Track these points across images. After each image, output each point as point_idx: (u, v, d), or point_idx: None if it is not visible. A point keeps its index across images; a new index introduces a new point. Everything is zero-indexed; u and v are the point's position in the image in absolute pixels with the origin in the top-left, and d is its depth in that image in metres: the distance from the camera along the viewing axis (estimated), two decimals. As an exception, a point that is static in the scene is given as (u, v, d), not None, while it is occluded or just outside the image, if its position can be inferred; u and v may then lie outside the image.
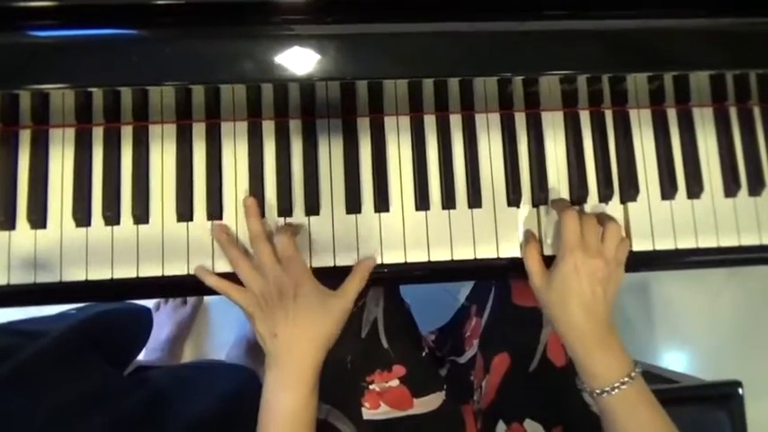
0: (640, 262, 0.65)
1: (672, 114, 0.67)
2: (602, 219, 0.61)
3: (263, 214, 0.62)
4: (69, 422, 0.63)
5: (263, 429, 0.55)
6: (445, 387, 0.72)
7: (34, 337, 0.68)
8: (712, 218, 0.66)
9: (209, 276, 0.59)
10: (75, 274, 0.60)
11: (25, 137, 0.61)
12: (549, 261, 0.61)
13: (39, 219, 0.60)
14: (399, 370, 0.69)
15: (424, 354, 0.73)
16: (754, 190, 0.67)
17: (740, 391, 0.86)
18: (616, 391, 0.54)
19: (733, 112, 0.68)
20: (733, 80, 0.66)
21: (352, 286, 0.60)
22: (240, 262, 0.58)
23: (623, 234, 0.62)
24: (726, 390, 0.87)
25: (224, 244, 0.60)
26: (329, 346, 0.58)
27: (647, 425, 0.55)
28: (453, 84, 0.64)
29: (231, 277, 0.59)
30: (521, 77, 0.62)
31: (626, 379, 0.54)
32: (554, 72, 0.56)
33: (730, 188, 0.66)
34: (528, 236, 0.64)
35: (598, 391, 0.55)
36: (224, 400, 0.79)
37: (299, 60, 0.51)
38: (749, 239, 0.66)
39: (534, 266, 0.61)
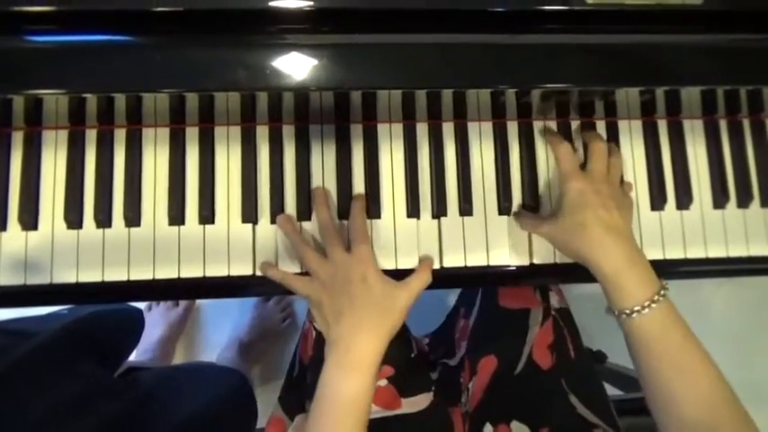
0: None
1: (662, 126, 0.68)
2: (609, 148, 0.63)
3: (255, 219, 0.62)
4: (59, 423, 0.63)
5: (321, 418, 0.55)
6: (434, 388, 0.72)
7: (25, 338, 0.68)
8: (701, 229, 0.67)
9: (273, 270, 0.61)
10: (66, 277, 0.60)
11: (18, 138, 0.61)
12: (536, 270, 0.61)
13: (30, 220, 0.60)
14: (387, 370, 0.69)
15: (413, 355, 0.74)
16: (743, 202, 0.67)
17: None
18: (646, 310, 0.53)
19: (723, 124, 0.68)
20: (723, 93, 0.67)
21: (418, 280, 0.60)
22: (306, 250, 0.59)
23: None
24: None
25: (289, 233, 0.61)
26: (391, 336, 0.58)
27: (680, 346, 0.53)
28: (446, 93, 0.64)
29: (235, 278, 0.60)
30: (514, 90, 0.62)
31: (657, 297, 0.53)
32: (546, 86, 0.56)
33: (719, 200, 0.67)
34: (514, 213, 0.65)
35: (628, 312, 0.53)
36: (214, 403, 0.79)
37: (293, 69, 0.52)
38: (737, 251, 0.67)
39: (533, 223, 0.62)
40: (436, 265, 0.63)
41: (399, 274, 0.63)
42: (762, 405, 0.54)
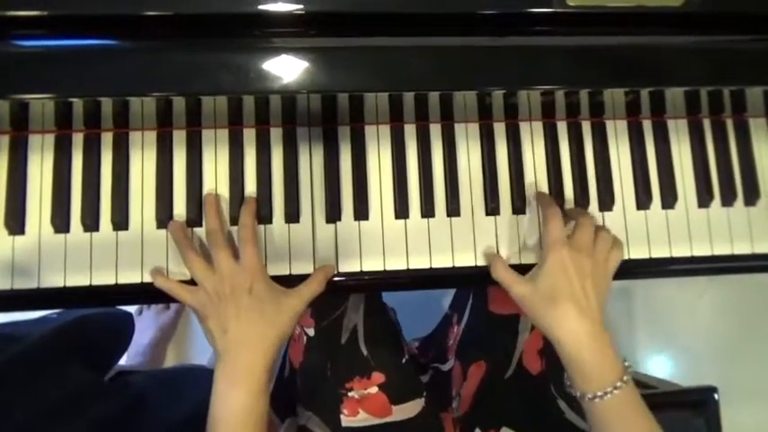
0: (617, 270, 0.66)
1: (647, 126, 0.68)
2: (597, 225, 0.61)
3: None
4: (48, 427, 0.63)
5: (214, 428, 0.54)
6: (425, 394, 0.73)
7: (13, 342, 0.67)
8: (686, 228, 0.67)
9: (160, 278, 0.59)
10: (54, 281, 0.60)
11: (3, 143, 0.61)
12: (524, 269, 0.62)
13: (17, 225, 0.60)
14: (378, 377, 0.69)
15: (404, 360, 0.74)
16: (727, 201, 0.68)
17: (716, 396, 0.88)
18: (608, 396, 0.52)
19: (707, 124, 0.69)
20: (707, 94, 0.67)
21: (308, 290, 0.59)
22: (193, 259, 0.57)
23: (617, 240, 0.60)
24: (702, 396, 0.88)
25: (179, 241, 0.59)
26: (280, 344, 0.57)
27: (638, 430, 0.54)
28: (433, 95, 0.65)
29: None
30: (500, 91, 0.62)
31: (619, 384, 0.52)
32: (532, 87, 0.56)
33: (704, 199, 0.68)
34: (488, 253, 0.63)
35: (590, 396, 0.53)
36: (205, 406, 0.79)
37: (280, 73, 0.52)
38: (722, 249, 0.67)
39: (507, 277, 0.59)
40: (425, 265, 0.64)
41: (387, 275, 0.63)
42: (748, 404, 0.54)
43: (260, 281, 0.56)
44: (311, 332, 0.72)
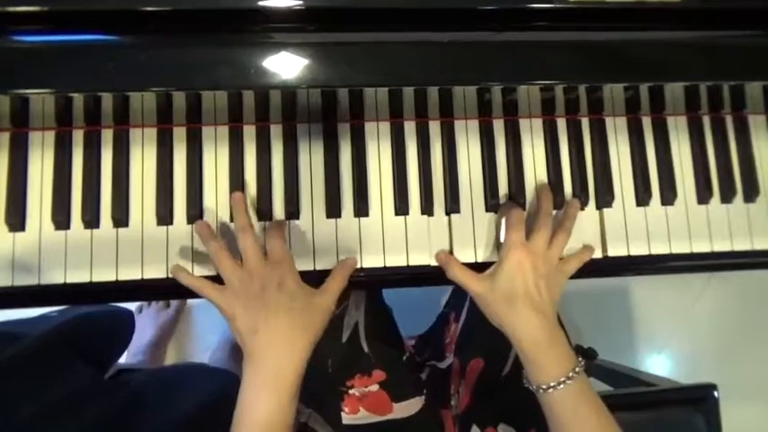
0: (615, 267, 0.67)
1: (647, 123, 0.69)
2: (558, 226, 0.62)
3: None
4: (48, 425, 0.63)
5: (238, 430, 0.54)
6: (425, 392, 0.73)
7: (13, 340, 0.67)
8: (685, 224, 0.67)
9: (184, 274, 0.58)
10: (54, 278, 0.60)
11: (4, 140, 0.61)
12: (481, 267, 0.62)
13: (17, 222, 0.60)
14: (379, 375, 0.70)
15: (404, 358, 0.74)
16: (726, 197, 0.68)
17: (715, 394, 0.88)
18: (561, 386, 0.55)
19: (706, 121, 0.69)
20: (706, 90, 0.67)
21: (335, 284, 0.59)
22: (222, 256, 0.56)
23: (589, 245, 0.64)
24: (701, 393, 0.88)
25: (206, 238, 0.58)
26: (312, 345, 0.56)
27: (589, 420, 0.55)
28: (433, 91, 0.65)
29: (213, 280, 0.58)
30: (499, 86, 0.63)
31: (571, 374, 0.55)
32: (532, 82, 0.57)
33: (703, 195, 0.68)
34: (440, 254, 0.64)
35: (544, 387, 0.55)
36: (205, 404, 0.79)
37: (280, 68, 0.52)
38: (721, 246, 0.68)
39: (464, 276, 0.61)
40: (426, 262, 0.64)
41: (387, 272, 0.63)
42: (747, 402, 0.55)
43: (290, 277, 0.55)
44: (312, 330, 0.72)
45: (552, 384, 0.55)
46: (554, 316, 0.58)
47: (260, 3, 0.50)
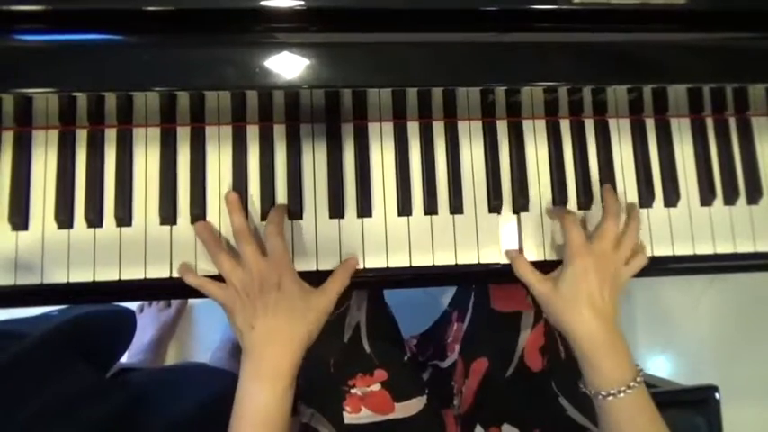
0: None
1: (650, 124, 0.69)
2: (626, 222, 0.62)
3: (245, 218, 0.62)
4: (50, 424, 0.63)
5: (236, 424, 0.54)
6: (427, 391, 0.73)
7: (15, 339, 0.67)
8: (688, 226, 0.67)
9: (190, 274, 0.59)
10: (57, 277, 0.60)
11: (8, 138, 0.61)
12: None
13: (20, 221, 0.60)
14: (381, 374, 0.70)
15: (406, 358, 0.74)
16: (730, 199, 0.68)
17: (717, 395, 0.88)
18: (621, 395, 0.54)
19: (709, 122, 0.69)
20: (709, 92, 0.67)
21: (335, 285, 0.59)
22: (222, 256, 0.57)
23: (641, 247, 0.64)
24: (703, 394, 0.88)
25: (206, 240, 0.59)
26: (308, 343, 0.57)
27: (646, 430, 0.55)
28: (436, 91, 0.65)
29: (215, 279, 0.59)
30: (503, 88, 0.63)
31: (632, 384, 0.55)
32: (536, 84, 0.57)
33: (706, 197, 0.68)
34: (511, 252, 0.64)
35: (603, 393, 0.55)
36: (206, 404, 0.79)
37: (284, 68, 0.52)
38: (724, 247, 0.68)
39: (530, 276, 0.61)
40: (428, 263, 0.64)
41: (390, 273, 0.63)
42: (748, 403, 0.55)
43: (288, 276, 0.56)
44: (314, 330, 0.72)
45: (612, 392, 0.55)
46: (615, 321, 0.58)
47: (263, 3, 0.50)
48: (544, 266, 0.63)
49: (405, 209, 0.64)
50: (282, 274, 0.56)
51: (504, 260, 0.65)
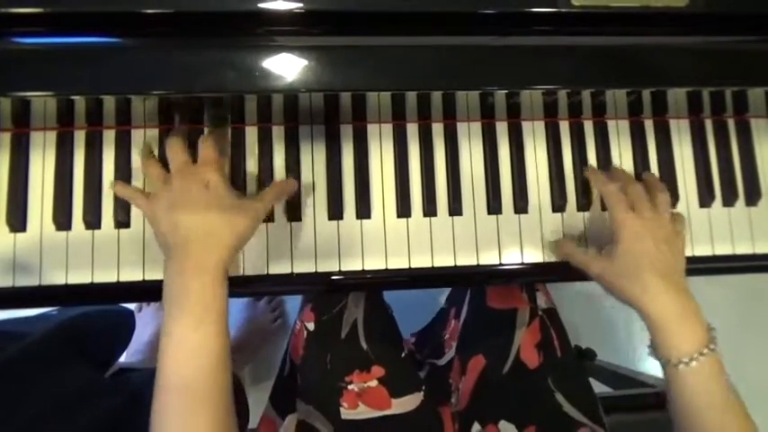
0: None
1: (649, 126, 0.69)
2: (650, 187, 0.62)
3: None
4: (49, 424, 0.63)
5: (164, 346, 0.50)
6: (424, 388, 0.73)
7: (13, 339, 0.67)
8: (687, 227, 0.67)
9: (117, 185, 0.60)
10: (55, 278, 0.60)
11: (5, 140, 0.61)
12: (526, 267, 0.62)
13: (18, 222, 0.60)
14: (378, 371, 0.70)
15: (403, 354, 0.74)
16: (728, 201, 0.68)
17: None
18: (694, 363, 0.52)
19: (708, 124, 0.69)
20: (709, 94, 0.67)
21: (271, 192, 0.59)
22: (150, 164, 0.57)
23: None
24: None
25: (143, 153, 0.60)
26: (239, 246, 0.55)
27: (723, 404, 0.53)
28: (436, 94, 0.65)
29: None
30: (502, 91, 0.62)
31: (705, 350, 0.52)
32: (536, 87, 0.56)
33: (705, 199, 0.68)
34: (558, 241, 0.64)
35: (675, 362, 0.53)
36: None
37: (282, 71, 0.52)
38: (723, 249, 0.68)
39: (583, 258, 0.60)
40: (427, 264, 0.64)
41: (389, 274, 0.63)
42: (747, 402, 0.55)
43: (217, 177, 0.55)
44: (311, 326, 0.72)
45: (684, 360, 0.52)
46: (684, 283, 0.56)
47: (262, 6, 0.50)
48: (544, 269, 0.63)
49: (404, 210, 0.64)
50: (211, 176, 0.55)
51: (503, 262, 0.65)
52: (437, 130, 0.66)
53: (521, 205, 0.66)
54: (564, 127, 0.67)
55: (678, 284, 0.55)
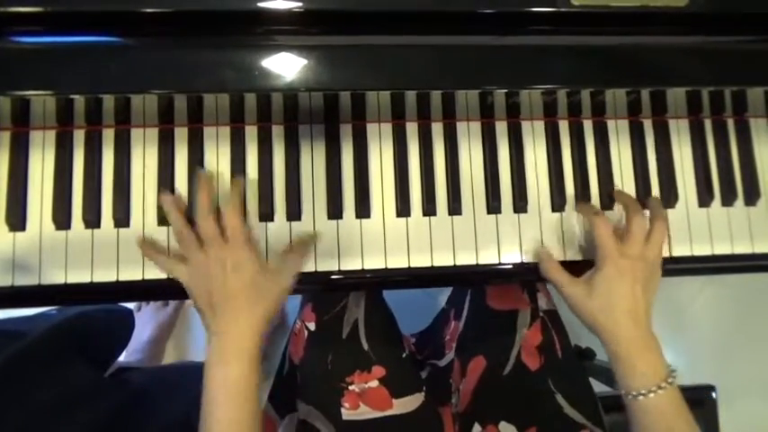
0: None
1: (648, 125, 0.69)
2: (651, 217, 0.62)
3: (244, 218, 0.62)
4: (49, 423, 0.63)
5: (208, 407, 0.55)
6: (425, 388, 0.73)
7: (13, 338, 0.67)
8: (686, 227, 0.68)
9: (147, 247, 0.59)
10: (55, 278, 0.60)
11: (5, 139, 0.61)
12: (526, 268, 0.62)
13: (18, 221, 0.60)
14: (379, 371, 0.70)
15: (404, 355, 0.74)
16: (728, 200, 0.68)
17: (713, 395, 0.88)
18: (652, 394, 0.55)
19: (708, 124, 0.69)
20: (708, 94, 0.67)
21: (293, 264, 0.59)
22: (185, 233, 0.57)
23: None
24: (699, 394, 0.88)
25: (170, 212, 0.58)
26: (270, 319, 0.58)
27: (679, 430, 0.55)
28: (435, 93, 0.65)
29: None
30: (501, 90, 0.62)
31: (663, 384, 0.55)
32: (535, 87, 0.56)
33: (704, 198, 0.68)
34: (541, 252, 0.64)
35: (634, 393, 0.55)
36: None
37: (282, 71, 0.52)
38: (722, 248, 0.68)
39: (560, 278, 0.61)
40: (426, 264, 0.64)
41: (388, 274, 0.63)
42: (745, 402, 0.55)
43: (246, 259, 0.56)
44: (312, 327, 0.72)
45: (643, 392, 0.55)
46: (649, 321, 0.58)
47: (261, 5, 0.50)
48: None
49: (403, 210, 0.64)
50: (240, 258, 0.56)
51: (502, 261, 0.65)
52: (437, 129, 0.66)
53: (520, 205, 0.66)
54: (563, 127, 0.67)
55: (644, 325, 0.58)
